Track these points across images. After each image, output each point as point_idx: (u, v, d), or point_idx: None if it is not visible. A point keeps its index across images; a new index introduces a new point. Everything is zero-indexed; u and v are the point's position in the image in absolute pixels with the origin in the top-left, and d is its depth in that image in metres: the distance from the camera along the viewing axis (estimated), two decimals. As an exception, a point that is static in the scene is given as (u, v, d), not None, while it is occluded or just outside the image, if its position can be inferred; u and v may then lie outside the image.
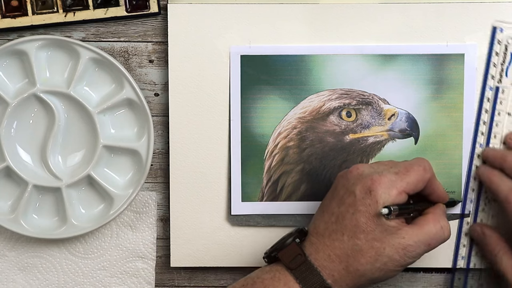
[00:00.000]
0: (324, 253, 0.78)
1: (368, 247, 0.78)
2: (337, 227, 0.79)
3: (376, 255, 0.78)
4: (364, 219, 0.78)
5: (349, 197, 0.79)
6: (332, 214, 0.80)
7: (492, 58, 0.89)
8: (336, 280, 0.78)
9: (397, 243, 0.78)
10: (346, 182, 0.80)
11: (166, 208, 0.93)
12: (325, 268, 0.78)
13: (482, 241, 0.89)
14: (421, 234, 0.79)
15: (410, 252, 0.78)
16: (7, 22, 0.89)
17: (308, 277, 0.78)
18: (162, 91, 0.92)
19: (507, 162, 0.86)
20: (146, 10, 0.90)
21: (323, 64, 0.89)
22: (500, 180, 0.86)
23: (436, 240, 0.80)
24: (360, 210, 0.78)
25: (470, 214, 0.91)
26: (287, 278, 0.78)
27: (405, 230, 0.79)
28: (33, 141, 0.91)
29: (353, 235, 0.78)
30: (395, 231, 0.78)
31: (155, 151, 0.92)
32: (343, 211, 0.79)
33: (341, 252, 0.78)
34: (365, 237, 0.78)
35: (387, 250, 0.78)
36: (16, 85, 0.90)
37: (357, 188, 0.79)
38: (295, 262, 0.78)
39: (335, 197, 0.80)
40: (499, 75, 0.89)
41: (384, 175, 0.79)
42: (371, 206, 0.78)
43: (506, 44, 0.88)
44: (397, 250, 0.78)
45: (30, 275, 0.93)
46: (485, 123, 0.89)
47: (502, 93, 0.89)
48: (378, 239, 0.78)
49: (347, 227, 0.78)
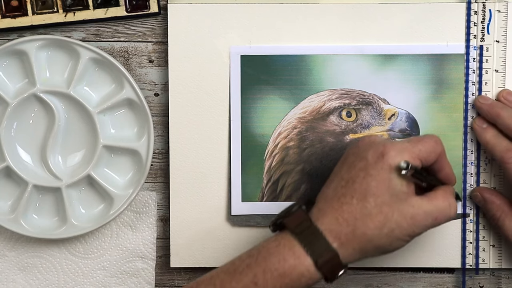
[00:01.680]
0: (332, 216, 0.77)
1: (377, 212, 0.76)
2: (346, 191, 0.77)
3: (384, 220, 0.76)
4: (375, 182, 0.77)
5: (361, 161, 0.78)
6: (342, 179, 0.78)
7: (471, 17, 0.89)
8: (343, 243, 0.77)
9: (406, 210, 0.77)
10: (356, 149, 0.79)
11: (166, 208, 0.93)
12: (331, 231, 0.77)
13: (484, 206, 0.89)
14: (430, 206, 0.78)
15: (417, 222, 0.77)
16: (7, 22, 0.89)
17: (313, 242, 0.76)
18: (162, 91, 0.92)
19: (501, 118, 0.86)
20: (146, 10, 0.90)
21: (323, 64, 0.89)
22: (495, 139, 0.86)
23: (443, 215, 0.79)
24: (371, 174, 0.77)
25: (470, 214, 0.91)
26: (292, 244, 0.77)
27: (414, 199, 0.78)
28: (33, 141, 0.91)
29: (362, 198, 0.77)
30: (405, 198, 0.77)
31: (155, 151, 0.92)
32: (353, 175, 0.78)
33: (349, 215, 0.77)
34: (375, 200, 0.76)
35: (395, 216, 0.76)
36: (16, 85, 0.90)
37: (369, 153, 0.78)
38: (300, 228, 0.77)
39: (345, 164, 0.79)
40: (481, 34, 0.89)
41: (396, 142, 0.78)
42: (383, 170, 0.77)
43: (483, 2, 0.88)
44: (405, 218, 0.77)
45: (30, 275, 0.93)
46: (474, 84, 0.89)
47: (486, 51, 0.89)
48: (387, 204, 0.76)
49: (357, 190, 0.77)
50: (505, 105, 0.87)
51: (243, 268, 0.77)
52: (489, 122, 0.88)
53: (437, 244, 0.91)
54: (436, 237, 0.91)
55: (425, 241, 0.91)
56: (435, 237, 0.91)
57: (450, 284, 0.93)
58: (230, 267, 0.78)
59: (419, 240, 0.91)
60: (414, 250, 0.91)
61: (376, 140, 0.79)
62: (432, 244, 0.91)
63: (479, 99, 0.88)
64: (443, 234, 0.91)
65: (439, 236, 0.91)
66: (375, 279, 0.93)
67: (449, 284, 0.93)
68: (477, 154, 0.90)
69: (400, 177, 0.77)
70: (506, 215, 0.87)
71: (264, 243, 0.79)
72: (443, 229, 0.91)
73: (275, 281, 0.76)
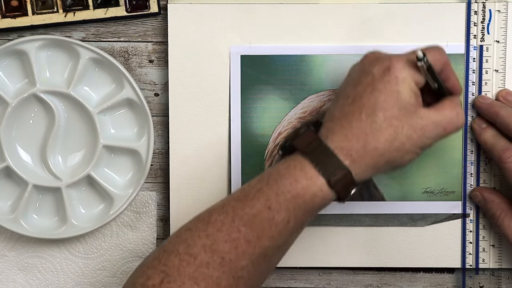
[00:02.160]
0: (341, 134, 0.76)
1: (387, 125, 0.75)
2: (354, 108, 0.76)
3: (394, 133, 0.75)
4: (383, 96, 0.76)
5: (367, 77, 0.77)
6: (348, 97, 0.77)
7: (471, 17, 0.89)
8: (355, 160, 0.75)
9: (415, 122, 0.76)
10: (361, 66, 0.79)
11: (166, 208, 0.93)
12: (342, 149, 0.75)
13: (483, 206, 0.89)
14: (438, 116, 0.77)
15: (427, 133, 0.77)
16: (7, 22, 0.89)
17: (325, 160, 0.75)
18: (162, 91, 0.92)
19: (500, 117, 0.86)
20: (146, 10, 0.90)
21: (323, 64, 0.89)
22: (494, 139, 0.86)
23: (452, 125, 0.78)
24: (378, 88, 0.76)
25: (470, 213, 0.91)
26: (303, 164, 0.75)
27: (422, 111, 0.77)
28: (33, 141, 0.91)
29: (371, 113, 0.75)
30: (413, 111, 0.76)
31: (155, 151, 0.92)
32: (360, 91, 0.77)
33: (359, 130, 0.75)
34: (384, 114, 0.75)
35: (405, 129, 0.76)
36: (16, 85, 0.90)
37: (375, 68, 0.77)
38: (310, 148, 0.76)
39: (350, 82, 0.78)
40: (481, 34, 0.89)
41: (402, 55, 0.78)
42: (390, 83, 0.76)
43: (483, 2, 0.88)
44: (415, 130, 0.76)
45: (30, 275, 0.93)
46: (474, 84, 0.89)
47: (486, 51, 0.89)
48: (396, 117, 0.75)
49: (365, 105, 0.76)
50: (504, 104, 0.87)
51: (254, 193, 0.76)
52: (489, 122, 0.88)
53: (437, 244, 0.91)
54: (436, 237, 0.91)
55: (425, 241, 0.91)
56: (435, 237, 0.91)
57: (450, 284, 0.93)
58: (240, 194, 0.77)
59: (419, 240, 0.91)
60: (414, 250, 0.91)
61: (381, 55, 0.78)
62: (432, 244, 0.91)
63: (478, 99, 0.89)
64: (443, 234, 0.91)
65: (439, 236, 0.91)
66: (375, 279, 0.93)
67: (449, 284, 0.93)
68: (477, 154, 0.90)
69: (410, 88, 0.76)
70: (506, 215, 0.87)
71: (273, 167, 0.77)
72: (443, 229, 0.91)
73: (289, 203, 0.75)
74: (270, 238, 0.75)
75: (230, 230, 0.75)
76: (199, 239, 0.75)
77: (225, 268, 0.74)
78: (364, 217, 0.91)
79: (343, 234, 0.91)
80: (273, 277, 0.94)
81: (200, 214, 0.77)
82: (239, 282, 0.75)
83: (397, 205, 0.91)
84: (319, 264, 0.92)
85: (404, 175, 0.90)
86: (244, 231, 0.75)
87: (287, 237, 0.77)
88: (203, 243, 0.75)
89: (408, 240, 0.91)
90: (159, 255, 0.76)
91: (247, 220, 0.75)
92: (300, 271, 0.94)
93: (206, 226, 0.76)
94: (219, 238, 0.75)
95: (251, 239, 0.75)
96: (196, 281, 0.74)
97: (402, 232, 0.91)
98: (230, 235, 0.75)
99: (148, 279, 0.74)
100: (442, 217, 0.91)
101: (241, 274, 0.75)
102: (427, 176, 0.90)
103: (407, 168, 0.90)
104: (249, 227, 0.75)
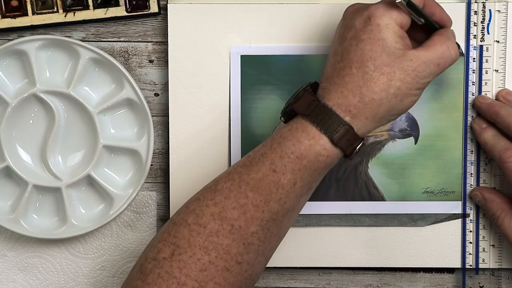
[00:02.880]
0: (337, 91, 0.76)
1: (378, 74, 0.76)
2: (344, 64, 0.77)
3: (388, 80, 0.76)
4: (369, 46, 0.76)
5: (350, 31, 0.77)
6: (337, 54, 0.78)
7: (471, 17, 0.89)
8: (355, 115, 0.76)
9: (406, 65, 0.76)
10: (343, 21, 0.79)
11: (166, 208, 0.93)
12: (340, 106, 0.76)
13: (484, 206, 0.89)
14: (428, 54, 0.77)
15: (420, 73, 0.76)
16: (7, 22, 0.89)
17: (325, 119, 0.75)
18: (162, 91, 0.92)
19: (500, 116, 0.86)
20: (146, 10, 0.90)
21: (323, 64, 0.89)
22: (494, 139, 0.86)
23: (444, 59, 0.78)
24: (363, 39, 0.76)
25: (470, 213, 0.91)
26: (305, 125, 0.76)
27: (411, 52, 0.77)
28: (33, 141, 0.91)
29: (361, 65, 0.76)
30: (402, 54, 0.76)
31: (155, 151, 0.92)
32: (346, 46, 0.77)
33: (353, 85, 0.76)
34: (373, 63, 0.76)
35: (397, 74, 0.76)
36: (16, 85, 0.90)
37: (356, 20, 0.77)
38: (309, 109, 0.76)
39: (336, 40, 0.79)
40: (481, 34, 0.89)
41: (381, 2, 0.77)
42: (373, 31, 0.76)
43: (483, 2, 0.88)
44: (407, 73, 0.76)
45: (30, 275, 0.93)
46: (474, 84, 0.89)
47: (486, 51, 0.89)
48: (386, 64, 0.76)
49: (353, 59, 0.76)
50: (504, 104, 0.87)
51: (259, 157, 0.77)
52: (489, 122, 0.88)
53: (437, 244, 0.91)
54: (436, 237, 0.91)
55: (425, 241, 0.91)
56: (435, 237, 0.91)
57: (450, 284, 0.93)
58: (245, 160, 0.78)
59: (419, 240, 0.91)
60: (414, 250, 0.91)
61: (360, 6, 0.79)
62: (432, 244, 0.91)
63: (478, 99, 0.89)
64: (443, 234, 0.91)
65: (439, 236, 0.91)
66: (375, 279, 0.93)
67: (449, 284, 0.93)
68: (477, 154, 0.90)
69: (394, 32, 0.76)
70: (506, 214, 0.87)
71: (276, 132, 0.78)
72: (443, 229, 0.91)
73: (293, 164, 0.75)
74: (278, 201, 0.76)
75: (237, 196, 0.75)
76: (207, 208, 0.76)
77: (235, 236, 0.75)
78: (364, 217, 0.91)
79: (343, 234, 0.91)
80: (273, 277, 0.94)
81: (207, 184, 0.78)
82: (250, 248, 0.75)
83: (397, 205, 0.91)
84: (319, 264, 0.92)
85: (404, 175, 0.90)
86: (251, 196, 0.75)
87: (295, 199, 0.77)
88: (211, 211, 0.75)
89: (408, 240, 0.91)
90: (168, 228, 0.76)
91: (253, 185, 0.76)
92: (300, 271, 0.94)
93: (213, 194, 0.76)
94: (227, 205, 0.75)
95: (259, 204, 0.75)
96: (206, 251, 0.74)
97: (402, 232, 0.91)
98: (237, 201, 0.75)
99: (159, 252, 0.75)
100: (442, 217, 0.91)
101: (252, 240, 0.75)
102: (427, 176, 0.90)
103: (407, 168, 0.90)
104: (256, 192, 0.75)
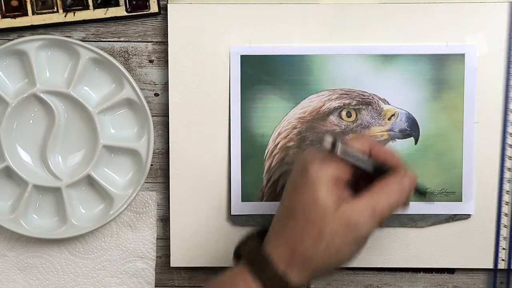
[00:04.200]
0: (275, 240, 0.76)
1: (310, 227, 0.74)
2: (283, 212, 0.76)
3: (318, 234, 0.74)
4: (304, 198, 0.75)
5: (290, 179, 0.77)
6: (282, 201, 0.78)
7: (511, 65, 0.88)
8: (288, 265, 0.75)
9: (338, 217, 0.74)
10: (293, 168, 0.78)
11: (166, 208, 0.93)
12: (276, 255, 0.75)
13: None
14: (360, 205, 0.74)
15: (355, 227, 0.74)
16: (7, 22, 0.89)
17: (262, 267, 0.75)
18: (162, 91, 0.92)
19: None
20: (146, 10, 0.90)
21: (323, 64, 0.89)
22: None
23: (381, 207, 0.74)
24: (298, 191, 0.75)
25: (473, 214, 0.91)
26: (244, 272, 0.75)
27: (343, 206, 0.74)
28: (33, 141, 0.91)
29: (295, 217, 0.75)
30: (334, 208, 0.74)
31: (155, 151, 0.92)
32: (286, 196, 0.77)
33: (288, 236, 0.75)
34: (305, 217, 0.74)
35: (328, 227, 0.74)
36: (16, 85, 0.90)
37: (295, 170, 0.77)
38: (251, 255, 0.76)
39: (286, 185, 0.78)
40: None
41: (319, 153, 0.76)
42: (308, 185, 0.75)
43: None
44: (340, 225, 0.74)
45: (30, 275, 0.93)
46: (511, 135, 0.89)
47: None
48: (317, 218, 0.74)
49: (290, 209, 0.75)
50: None
51: None
52: None
53: (437, 244, 0.91)
54: (436, 237, 0.91)
55: (425, 241, 0.91)
56: (435, 237, 0.91)
57: (450, 284, 0.93)
58: None
59: (419, 240, 0.91)
60: (414, 250, 0.91)
61: (302, 156, 0.77)
62: (432, 244, 0.91)
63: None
64: (443, 235, 0.91)
65: (439, 236, 0.91)
66: (375, 279, 0.93)
67: (449, 284, 0.93)
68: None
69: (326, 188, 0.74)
70: None
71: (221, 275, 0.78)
72: (443, 230, 0.91)
73: None
74: None
75: None
76: None
77: None
78: (364, 217, 0.91)
79: (343, 234, 0.91)
80: (273, 277, 0.94)
81: None
82: None
83: (397, 205, 0.91)
84: (319, 264, 0.92)
85: (404, 175, 0.90)
86: None
87: None
88: None
89: (408, 240, 0.91)
90: None
91: None
92: (300, 271, 0.93)
93: None
94: None
95: None
96: None
97: (402, 232, 0.91)
98: None
99: None
100: (442, 218, 0.91)
101: None
102: (428, 176, 0.90)
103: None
104: None
